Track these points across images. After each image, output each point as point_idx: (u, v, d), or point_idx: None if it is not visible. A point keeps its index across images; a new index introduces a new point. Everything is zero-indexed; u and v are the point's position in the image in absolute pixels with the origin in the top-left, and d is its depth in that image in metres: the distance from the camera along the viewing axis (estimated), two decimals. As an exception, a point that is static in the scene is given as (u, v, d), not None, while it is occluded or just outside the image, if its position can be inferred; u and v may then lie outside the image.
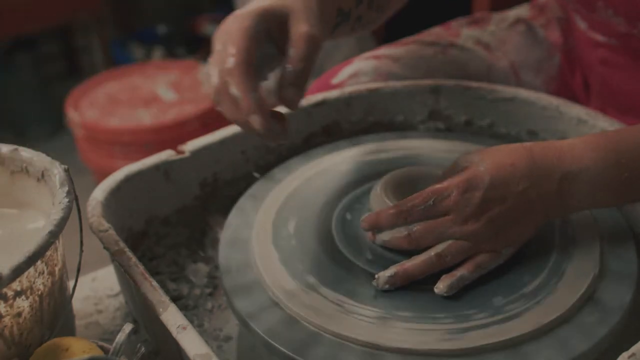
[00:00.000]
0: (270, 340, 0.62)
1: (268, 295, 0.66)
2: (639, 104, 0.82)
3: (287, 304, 0.64)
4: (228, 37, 0.61)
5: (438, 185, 0.65)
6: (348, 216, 0.74)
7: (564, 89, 0.96)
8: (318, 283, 0.66)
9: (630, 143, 0.66)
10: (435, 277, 0.64)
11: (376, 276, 0.65)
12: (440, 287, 0.63)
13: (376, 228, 0.67)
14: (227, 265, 0.70)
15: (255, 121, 0.60)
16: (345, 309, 0.63)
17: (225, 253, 0.72)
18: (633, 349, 0.55)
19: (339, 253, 0.70)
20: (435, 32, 1.02)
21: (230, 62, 0.59)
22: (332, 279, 0.67)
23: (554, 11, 1.01)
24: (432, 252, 0.64)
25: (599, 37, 0.86)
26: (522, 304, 0.63)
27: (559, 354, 0.59)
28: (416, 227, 0.65)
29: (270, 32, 0.63)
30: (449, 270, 0.64)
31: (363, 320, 0.62)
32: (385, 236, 0.66)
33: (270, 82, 0.63)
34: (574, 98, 0.93)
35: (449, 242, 0.64)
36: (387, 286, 0.65)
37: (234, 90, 0.59)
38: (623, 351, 0.55)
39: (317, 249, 0.70)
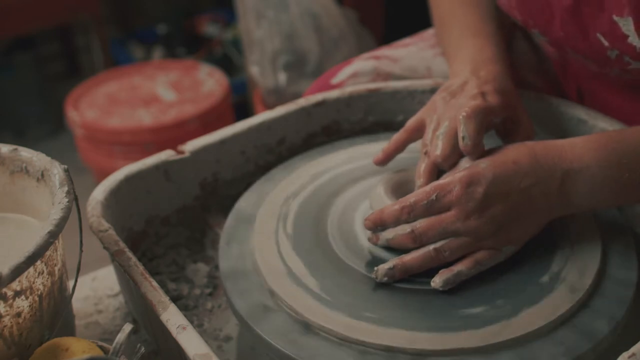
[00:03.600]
0: (270, 340, 0.62)
1: (267, 295, 0.66)
2: (629, 117, 0.82)
3: (289, 304, 0.64)
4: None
5: (441, 181, 0.65)
6: (347, 217, 0.74)
7: (560, 95, 0.96)
8: (316, 284, 0.66)
9: (631, 144, 0.66)
10: (436, 273, 0.65)
11: (375, 269, 0.65)
12: (437, 281, 0.64)
13: (380, 225, 0.67)
14: (228, 268, 0.70)
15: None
16: (344, 308, 0.63)
17: (225, 256, 0.72)
18: (633, 349, 0.55)
19: (335, 254, 0.70)
20: (435, 33, 1.01)
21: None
22: (329, 279, 0.67)
23: None
24: (430, 247, 0.65)
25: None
26: (522, 303, 0.63)
27: (558, 354, 0.59)
28: (419, 224, 0.65)
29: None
30: (448, 265, 0.65)
31: (361, 318, 0.62)
32: (388, 234, 0.66)
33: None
34: None
35: (450, 238, 0.64)
36: (385, 278, 0.65)
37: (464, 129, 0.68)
38: (623, 351, 0.56)
39: (315, 250, 0.70)
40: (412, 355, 0.59)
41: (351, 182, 0.79)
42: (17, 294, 0.58)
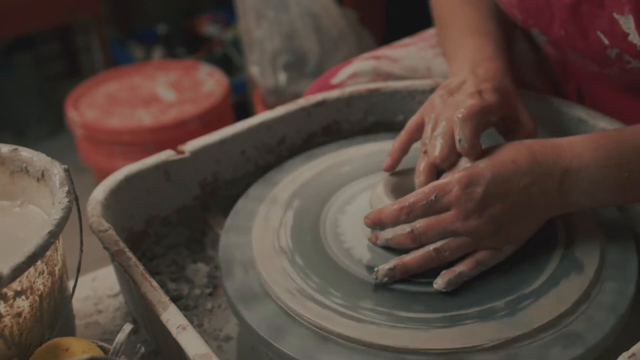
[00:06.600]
0: (272, 342, 0.62)
1: (268, 296, 0.66)
2: (629, 117, 0.82)
3: (289, 305, 0.64)
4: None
5: (440, 181, 0.65)
6: (345, 216, 0.74)
7: (560, 96, 0.96)
8: (316, 284, 0.66)
9: (630, 143, 0.66)
10: (436, 273, 0.65)
11: (375, 269, 0.65)
12: (439, 282, 0.64)
13: (379, 225, 0.67)
14: (228, 267, 0.70)
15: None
16: (347, 310, 0.63)
17: (225, 256, 0.72)
18: (633, 349, 0.55)
19: (333, 255, 0.69)
20: (435, 33, 1.02)
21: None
22: (328, 280, 0.67)
23: None
24: (430, 247, 0.65)
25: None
26: (521, 303, 0.63)
27: (557, 354, 0.59)
28: (419, 224, 0.65)
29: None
30: (449, 266, 0.65)
31: (364, 319, 0.62)
32: (387, 234, 0.66)
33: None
34: None
35: (449, 238, 0.64)
36: (386, 279, 0.65)
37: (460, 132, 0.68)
38: (623, 351, 0.56)
39: (314, 250, 0.70)
40: (415, 355, 0.59)
41: (353, 183, 0.79)
42: (18, 294, 0.58)
